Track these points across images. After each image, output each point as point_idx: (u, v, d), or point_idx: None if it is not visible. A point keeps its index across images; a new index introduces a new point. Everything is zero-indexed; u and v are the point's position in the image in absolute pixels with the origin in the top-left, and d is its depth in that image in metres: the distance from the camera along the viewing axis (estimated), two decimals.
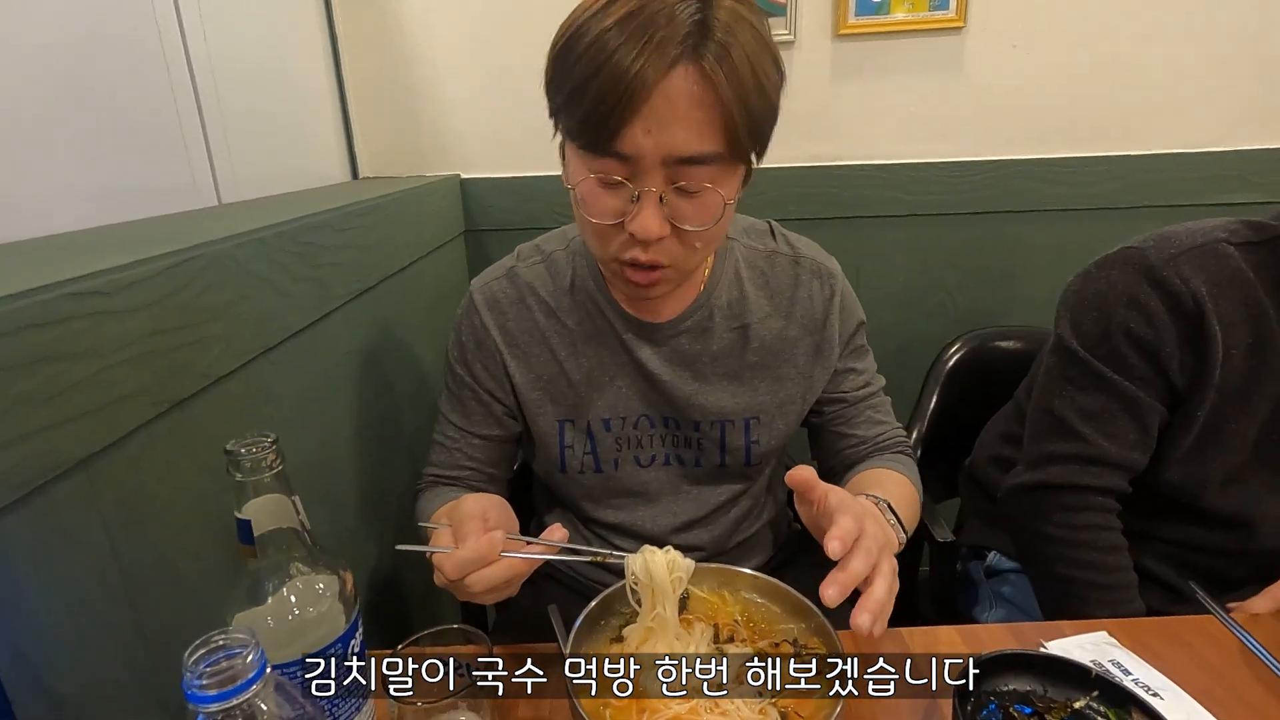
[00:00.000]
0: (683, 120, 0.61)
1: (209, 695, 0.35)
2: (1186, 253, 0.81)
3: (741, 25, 0.61)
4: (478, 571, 0.58)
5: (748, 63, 0.61)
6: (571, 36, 0.63)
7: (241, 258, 0.72)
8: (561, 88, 0.64)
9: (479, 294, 0.86)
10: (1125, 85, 1.53)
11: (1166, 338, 0.81)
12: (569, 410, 0.86)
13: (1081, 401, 0.86)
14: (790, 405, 0.87)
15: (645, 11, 0.59)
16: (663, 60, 0.59)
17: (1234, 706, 0.62)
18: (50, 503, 0.49)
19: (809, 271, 0.86)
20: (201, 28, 1.03)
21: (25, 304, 0.47)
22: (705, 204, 0.66)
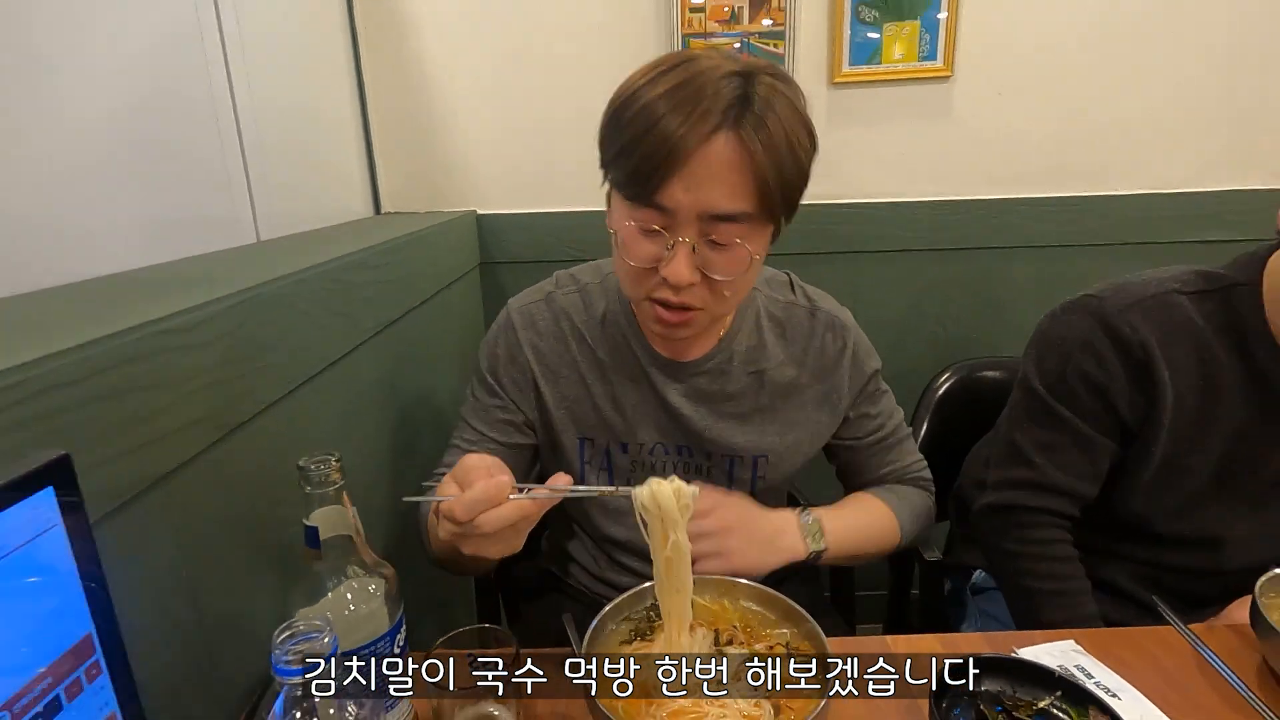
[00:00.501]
0: (719, 181, 0.68)
1: (294, 669, 0.42)
2: (1139, 303, 0.89)
3: (779, 99, 0.69)
4: (487, 512, 0.58)
5: (783, 133, 0.68)
6: (624, 101, 0.71)
7: (289, 295, 0.80)
8: (612, 144, 0.73)
9: (517, 313, 0.92)
10: (1105, 129, 1.63)
11: (1116, 379, 0.89)
12: (590, 430, 0.91)
13: (1037, 434, 0.95)
14: (798, 448, 0.93)
15: (692, 85, 0.67)
16: (704, 127, 0.66)
17: (1186, 709, 0.68)
18: (136, 513, 0.56)
19: (823, 324, 0.92)
20: (247, 77, 1.13)
21: (123, 341, 0.55)
22: (734, 257, 0.72)
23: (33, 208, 0.74)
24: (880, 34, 1.57)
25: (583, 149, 1.64)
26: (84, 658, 0.39)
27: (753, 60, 0.72)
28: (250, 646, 0.71)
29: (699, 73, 0.68)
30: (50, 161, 0.77)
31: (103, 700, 0.41)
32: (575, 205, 1.68)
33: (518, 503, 0.60)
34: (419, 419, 1.26)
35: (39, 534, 0.37)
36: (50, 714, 0.37)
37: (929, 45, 1.58)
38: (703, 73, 0.68)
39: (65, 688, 0.38)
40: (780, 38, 1.56)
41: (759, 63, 0.72)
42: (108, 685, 0.41)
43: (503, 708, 0.62)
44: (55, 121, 0.77)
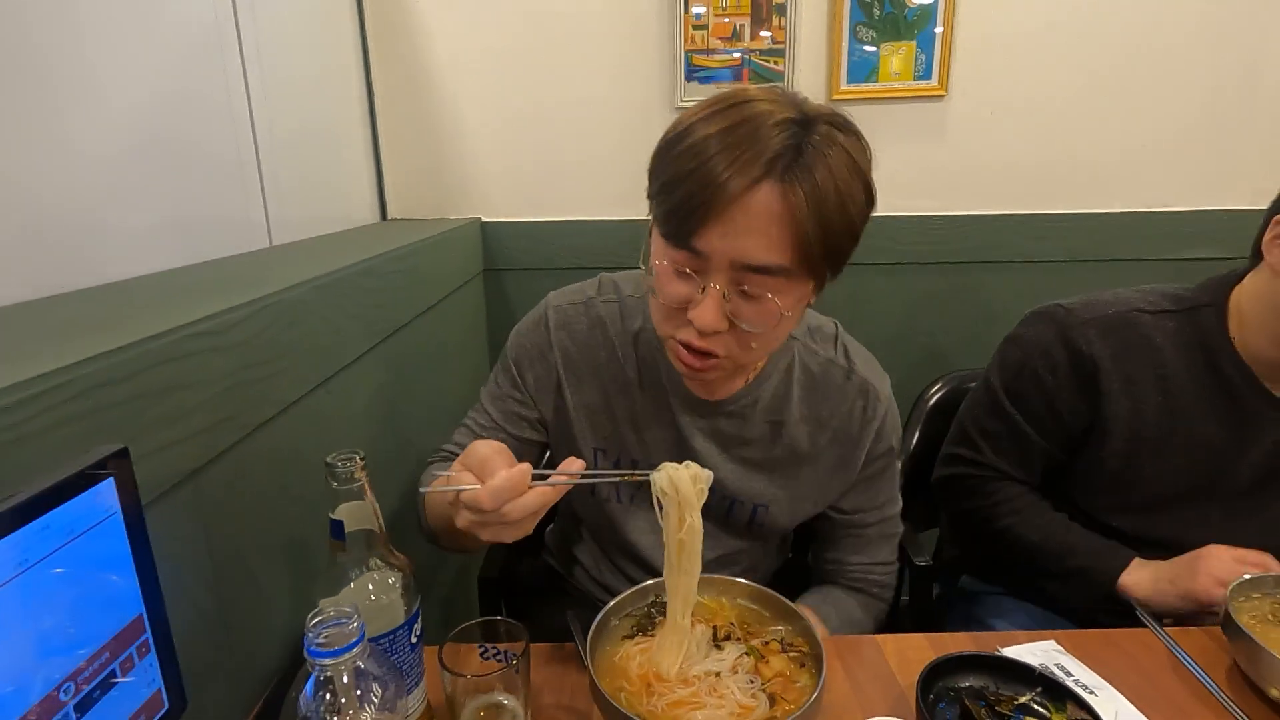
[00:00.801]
0: (756, 232, 0.64)
1: (325, 651, 0.46)
2: (1100, 319, 0.96)
3: (835, 151, 0.64)
4: (513, 502, 0.59)
5: (833, 187, 0.63)
6: (676, 136, 0.68)
7: (309, 300, 0.84)
8: (657, 178, 0.70)
9: (555, 311, 0.90)
10: (1093, 149, 1.68)
11: (1063, 387, 0.97)
12: (605, 442, 0.91)
13: (984, 423, 1.04)
14: (801, 504, 0.91)
15: (745, 127, 0.63)
16: (748, 175, 0.62)
17: (1160, 705, 0.71)
18: (169, 506, 0.60)
19: (856, 389, 0.88)
20: (263, 86, 1.16)
21: (163, 343, 0.58)
22: (764, 310, 0.69)
23: (61, 211, 0.77)
24: (878, 52, 1.61)
25: (586, 160, 1.70)
26: (135, 636, 0.43)
27: (816, 107, 0.67)
28: (270, 633, 0.75)
29: (754, 116, 0.64)
30: (78, 167, 0.80)
31: (151, 677, 0.44)
32: (578, 214, 1.72)
33: (540, 490, 0.60)
34: (426, 420, 1.29)
35: (100, 520, 0.40)
36: (106, 687, 0.40)
37: (925, 65, 1.62)
38: (758, 116, 0.64)
39: (120, 663, 0.41)
40: (780, 55, 1.61)
41: (821, 110, 0.67)
42: (155, 663, 0.44)
43: (512, 697, 0.66)
44: (83, 129, 0.80)
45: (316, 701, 0.47)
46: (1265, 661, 0.70)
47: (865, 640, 0.82)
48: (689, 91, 1.63)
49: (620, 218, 1.71)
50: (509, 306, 1.78)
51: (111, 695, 0.40)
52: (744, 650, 0.70)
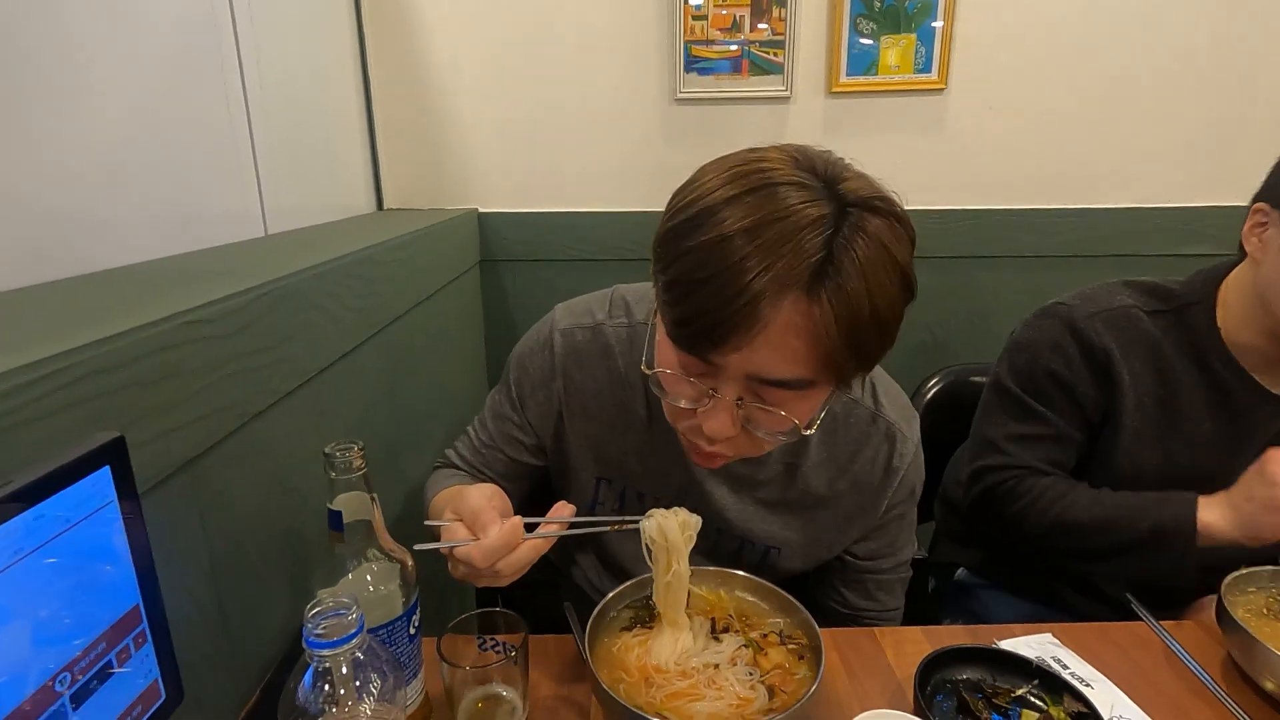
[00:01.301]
0: (776, 346, 0.57)
1: (324, 642, 0.45)
2: (1103, 313, 0.96)
3: (873, 250, 0.56)
4: (506, 558, 0.61)
5: (866, 299, 0.55)
6: (692, 217, 0.58)
7: (306, 289, 0.83)
8: (669, 268, 0.60)
9: (561, 335, 0.84)
10: (1091, 144, 1.68)
11: (1080, 378, 0.96)
12: (610, 472, 0.86)
13: (1011, 428, 1.01)
14: (815, 549, 0.87)
15: (776, 228, 0.54)
16: (777, 289, 0.54)
17: (1154, 698, 0.72)
18: (165, 495, 0.59)
19: (881, 434, 0.81)
20: (259, 74, 1.15)
21: (159, 330, 0.57)
22: (780, 419, 0.63)
23: (55, 199, 0.76)
24: (877, 45, 1.61)
25: (583, 150, 1.69)
26: (132, 627, 0.42)
27: (849, 184, 0.58)
28: (266, 625, 0.74)
29: (785, 212, 0.55)
30: (71, 156, 0.79)
31: (148, 668, 0.43)
32: (575, 206, 1.72)
33: (533, 544, 0.62)
34: (422, 411, 1.29)
35: (96, 510, 0.39)
36: (103, 677, 0.40)
37: (924, 58, 1.62)
38: (790, 213, 0.55)
39: (116, 654, 0.41)
40: (780, 46, 1.60)
41: (858, 190, 0.57)
42: (152, 654, 0.44)
43: (510, 689, 0.65)
44: (74, 116, 0.79)
45: (315, 692, 0.47)
46: (1260, 655, 0.71)
47: (863, 633, 0.82)
48: (688, 83, 1.62)
49: (618, 209, 1.71)
50: (506, 298, 1.77)
51: (108, 686, 0.40)
52: (743, 642, 0.70)
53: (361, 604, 0.50)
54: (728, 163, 0.61)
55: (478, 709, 0.65)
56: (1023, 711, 0.68)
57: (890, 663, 0.77)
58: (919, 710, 0.64)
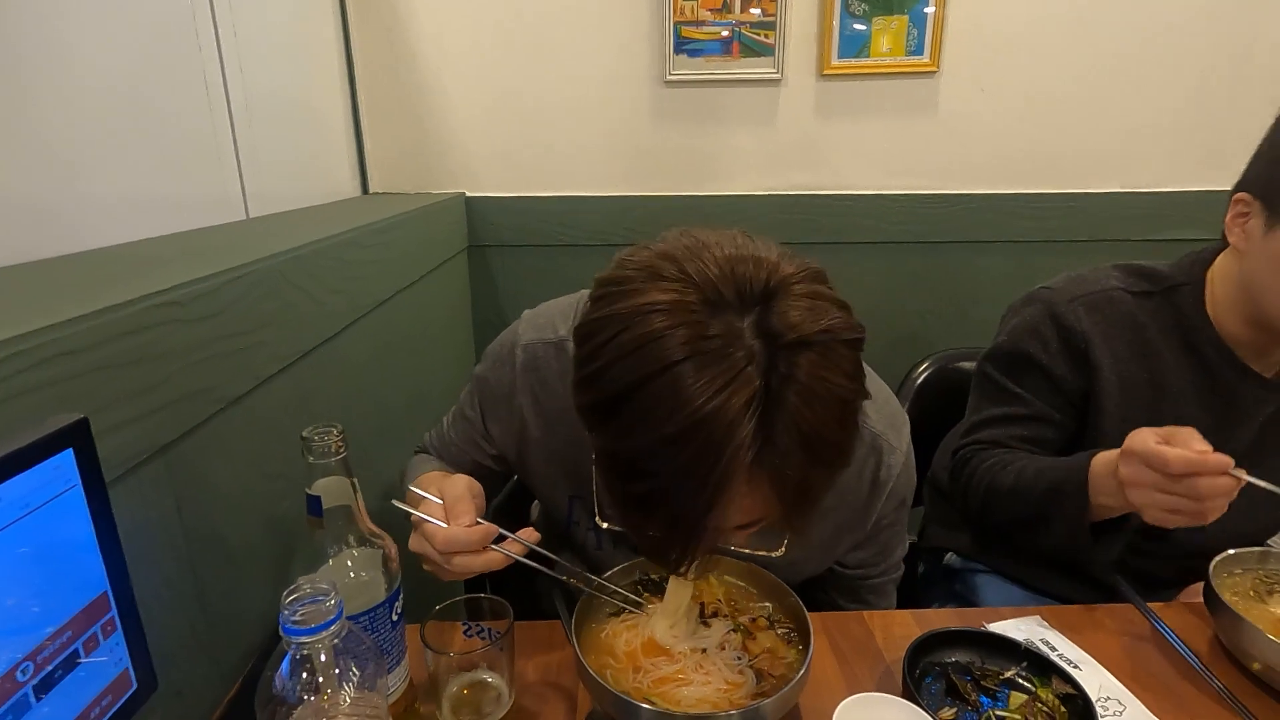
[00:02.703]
0: (728, 514, 0.53)
1: (301, 629, 0.44)
2: (1085, 296, 0.95)
3: (808, 401, 0.49)
4: (461, 555, 0.61)
5: (805, 455, 0.50)
6: (610, 404, 0.51)
7: (285, 272, 0.81)
8: (598, 452, 0.57)
9: (523, 351, 0.79)
10: (1085, 128, 1.67)
11: (1058, 362, 0.96)
12: (582, 490, 0.82)
13: (992, 411, 1.01)
14: (802, 566, 0.82)
15: (700, 438, 0.48)
16: (719, 491, 0.49)
17: (1143, 678, 0.72)
18: (138, 482, 0.58)
19: (866, 446, 0.76)
20: (238, 58, 1.12)
21: (127, 313, 0.56)
22: (752, 530, 0.60)
23: (26, 181, 0.74)
24: (869, 27, 1.59)
25: (572, 134, 1.67)
26: (100, 614, 0.41)
27: (782, 314, 0.50)
28: (246, 612, 0.73)
29: (706, 418, 0.47)
30: (44, 136, 0.76)
31: (117, 656, 0.42)
32: (564, 190, 1.69)
33: (491, 556, 0.62)
34: (408, 397, 1.27)
35: (59, 494, 0.38)
36: (69, 666, 0.39)
37: (916, 40, 1.60)
38: (711, 418, 0.47)
39: (83, 642, 0.39)
40: (771, 28, 1.58)
41: (793, 324, 0.49)
42: (122, 642, 0.43)
43: (496, 675, 0.65)
44: (50, 97, 0.77)
45: (292, 680, 0.46)
46: (1247, 635, 0.71)
47: (852, 617, 0.82)
48: (678, 64, 1.60)
49: (608, 193, 1.69)
50: (494, 283, 1.75)
51: (74, 675, 0.39)
52: (731, 627, 0.70)
53: (342, 590, 0.49)
54: (627, 334, 0.50)
55: (463, 695, 0.64)
56: (1011, 693, 0.68)
57: (879, 646, 0.77)
58: (908, 693, 0.64)
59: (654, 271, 0.52)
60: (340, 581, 0.56)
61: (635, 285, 0.52)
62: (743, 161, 1.68)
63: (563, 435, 0.80)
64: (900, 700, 0.61)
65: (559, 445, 0.81)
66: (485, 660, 0.64)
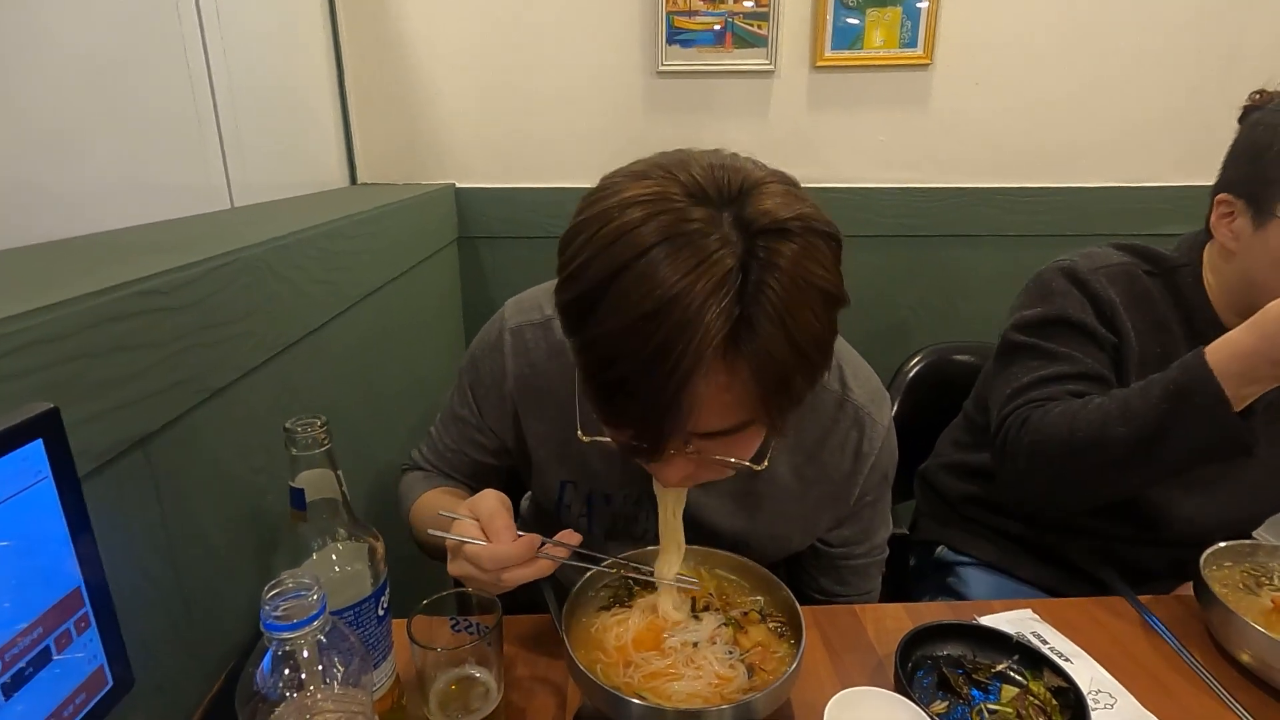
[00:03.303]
0: (705, 408, 0.53)
1: (283, 625, 0.43)
2: (1106, 268, 0.95)
3: (788, 286, 0.50)
4: (512, 570, 0.60)
5: (786, 343, 0.51)
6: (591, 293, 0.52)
7: (269, 261, 0.79)
8: (579, 348, 0.55)
9: (511, 334, 0.80)
10: (1077, 123, 1.67)
11: (1091, 321, 0.93)
12: (573, 474, 0.83)
13: (1033, 374, 0.93)
14: (785, 541, 0.84)
15: (669, 317, 0.48)
16: (689, 376, 0.49)
17: (1133, 671, 0.72)
18: (117, 474, 0.56)
19: (850, 419, 0.77)
20: (222, 42, 1.10)
21: (106, 300, 0.54)
22: (733, 447, 0.60)
23: (7, 170, 0.72)
24: (863, 20, 1.58)
25: (563, 124, 1.65)
26: (73, 610, 0.40)
27: (758, 205, 0.51)
28: (229, 607, 0.72)
29: (673, 298, 0.48)
30: (23, 123, 0.75)
31: (91, 652, 0.41)
32: (555, 181, 1.68)
33: (540, 564, 0.62)
34: (397, 390, 1.26)
35: (28, 486, 0.37)
36: (40, 664, 0.37)
37: (910, 33, 1.59)
38: (678, 297, 0.48)
39: (55, 639, 0.38)
40: (764, 18, 1.57)
41: (769, 211, 0.51)
42: (96, 638, 0.41)
43: (484, 670, 0.64)
44: (28, 83, 0.75)
45: (274, 677, 0.45)
46: (1236, 628, 0.71)
47: (843, 610, 0.81)
48: (670, 55, 1.59)
49: None
50: (485, 275, 1.74)
51: (46, 673, 0.38)
52: (723, 620, 0.69)
53: (327, 585, 0.48)
54: (608, 228, 0.51)
55: (450, 691, 0.63)
56: (1003, 687, 0.68)
57: (871, 640, 0.77)
58: (900, 687, 0.63)
59: (639, 174, 0.54)
60: (324, 576, 0.54)
61: (619, 186, 0.53)
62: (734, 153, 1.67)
63: (553, 418, 0.80)
64: (892, 694, 0.61)
65: (549, 428, 0.81)
66: (473, 655, 0.63)
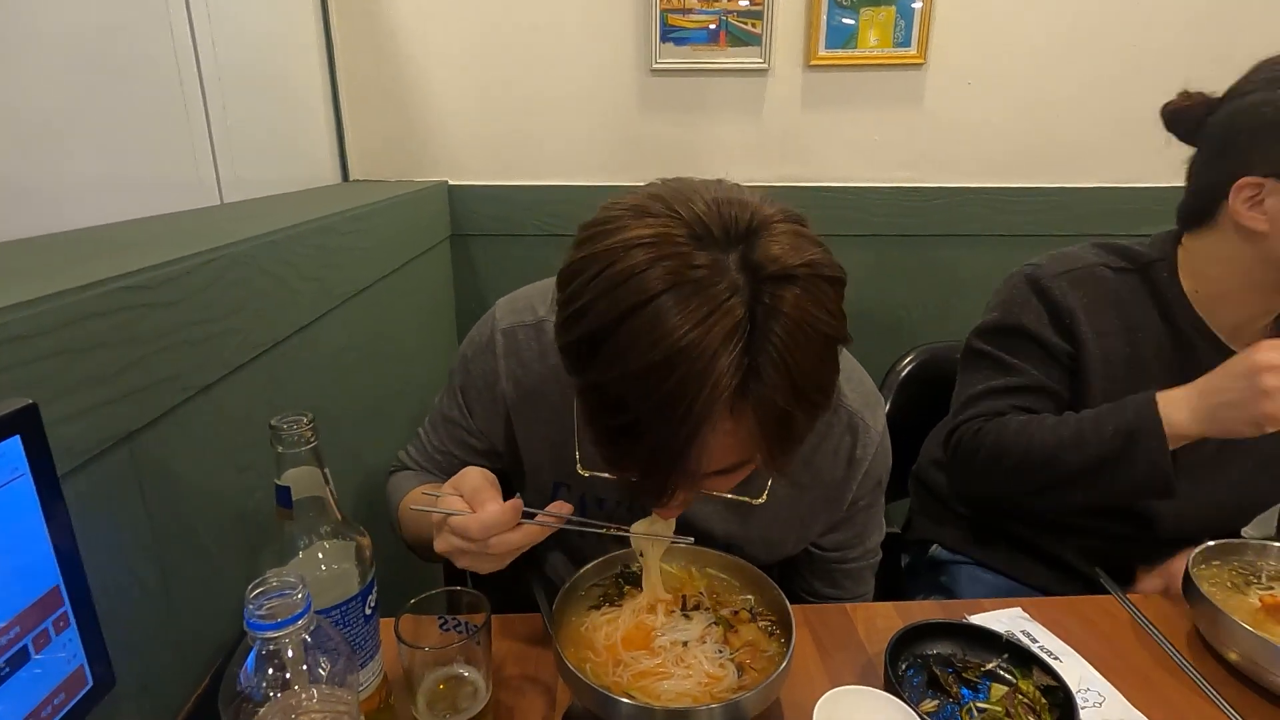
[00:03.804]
0: (709, 455, 0.53)
1: (267, 624, 0.43)
2: (1069, 272, 0.96)
3: (791, 332, 0.49)
4: (500, 536, 0.59)
5: (790, 390, 0.50)
6: (595, 335, 0.51)
7: (257, 257, 0.79)
8: (581, 390, 0.55)
9: (503, 335, 0.79)
10: (1072, 122, 1.67)
11: (1047, 330, 0.96)
12: (567, 478, 0.81)
13: (985, 384, 0.99)
14: (778, 546, 0.83)
15: (679, 369, 0.47)
16: (700, 423, 0.49)
17: (1122, 669, 0.72)
18: (100, 471, 0.56)
19: (843, 424, 0.77)
20: (211, 35, 1.09)
21: (89, 295, 0.53)
22: (731, 478, 0.61)
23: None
24: (857, 19, 1.58)
25: (557, 122, 1.64)
26: (51, 609, 0.39)
27: (765, 250, 0.50)
28: (216, 607, 0.71)
29: (683, 348, 0.47)
30: (9, 118, 0.74)
31: (71, 652, 0.40)
32: (549, 179, 1.67)
33: (528, 530, 0.61)
34: (388, 389, 1.25)
35: (5, 483, 0.36)
36: (18, 664, 0.37)
37: (904, 32, 1.59)
38: (688, 349, 0.47)
39: (33, 638, 0.38)
40: (758, 17, 1.57)
41: (775, 257, 0.50)
42: (76, 638, 0.41)
43: (473, 669, 0.63)
44: (14, 77, 0.74)
45: (258, 677, 0.44)
46: (1225, 627, 0.71)
47: (834, 609, 0.81)
48: (664, 53, 1.58)
49: (593, 183, 1.67)
50: (477, 274, 1.73)
51: (24, 673, 0.37)
52: (713, 619, 0.69)
53: (313, 584, 0.47)
54: (611, 270, 0.50)
55: (439, 691, 0.63)
56: (992, 685, 0.68)
57: (861, 639, 0.77)
58: (890, 686, 0.63)
59: (641, 210, 0.52)
60: (311, 574, 0.54)
61: (622, 223, 0.52)
62: (728, 152, 1.67)
63: (546, 420, 0.79)
64: (882, 693, 0.61)
65: (541, 430, 0.80)
66: (462, 655, 0.62)
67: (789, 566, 0.91)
